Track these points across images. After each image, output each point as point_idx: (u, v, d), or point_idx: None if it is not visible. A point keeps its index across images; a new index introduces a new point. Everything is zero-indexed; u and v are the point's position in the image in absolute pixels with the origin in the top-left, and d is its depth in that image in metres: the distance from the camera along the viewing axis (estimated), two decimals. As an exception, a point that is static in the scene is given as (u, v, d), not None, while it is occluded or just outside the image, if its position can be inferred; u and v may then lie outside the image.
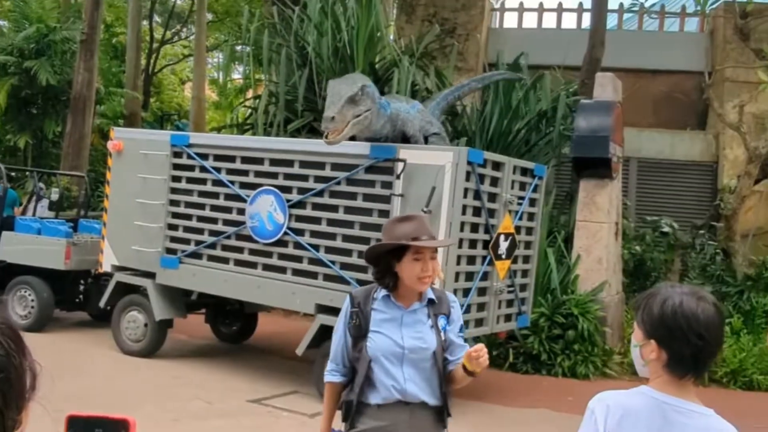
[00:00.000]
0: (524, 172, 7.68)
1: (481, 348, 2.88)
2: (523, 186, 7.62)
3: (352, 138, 7.04)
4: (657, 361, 2.01)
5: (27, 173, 15.75)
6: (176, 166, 8.49)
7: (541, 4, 16.61)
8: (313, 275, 7.49)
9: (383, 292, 3.08)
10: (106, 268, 9.13)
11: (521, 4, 16.80)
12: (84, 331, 10.19)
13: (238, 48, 15.81)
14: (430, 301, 3.09)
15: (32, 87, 16.98)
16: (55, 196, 11.96)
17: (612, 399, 2.05)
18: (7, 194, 11.22)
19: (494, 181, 7.18)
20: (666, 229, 12.11)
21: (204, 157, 8.25)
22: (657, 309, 2.00)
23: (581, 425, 2.08)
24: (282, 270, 7.69)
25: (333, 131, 6.63)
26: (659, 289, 2.07)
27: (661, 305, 1.99)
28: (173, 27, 29.33)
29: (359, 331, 3.06)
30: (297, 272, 7.60)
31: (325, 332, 7.49)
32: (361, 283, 7.12)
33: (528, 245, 7.95)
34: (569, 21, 16.92)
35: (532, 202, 7.87)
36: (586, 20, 16.41)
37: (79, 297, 10.65)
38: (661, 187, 13.88)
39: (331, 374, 3.19)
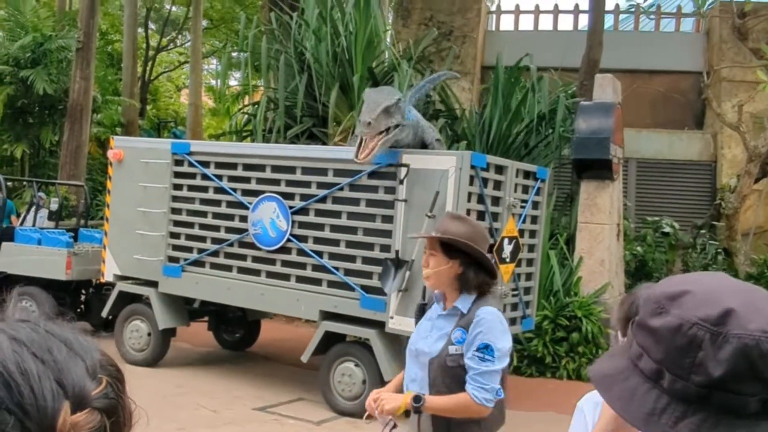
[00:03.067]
0: (527, 175, 7.67)
1: (375, 399, 2.95)
2: (525, 189, 7.61)
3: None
4: None
5: (25, 183, 15.73)
6: (177, 174, 8.46)
7: (537, 6, 16.63)
8: (317, 282, 7.47)
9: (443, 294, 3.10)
10: (108, 277, 9.09)
11: (517, 6, 16.82)
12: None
13: (235, 54, 15.79)
14: (461, 313, 3.00)
15: (28, 96, 16.97)
16: (54, 206, 11.92)
17: (600, 397, 2.08)
18: (6, 205, 11.19)
19: (497, 185, 7.16)
20: (667, 229, 12.11)
21: (205, 164, 8.23)
22: (625, 309, 2.11)
23: (571, 423, 2.13)
24: (286, 277, 7.67)
25: (363, 150, 6.67)
26: (635, 291, 2.17)
27: (629, 305, 2.08)
28: (169, 34, 29.33)
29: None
30: (301, 279, 7.58)
31: (329, 339, 7.48)
32: (365, 289, 7.12)
33: (531, 248, 7.94)
34: (566, 23, 16.98)
35: (535, 205, 7.85)
36: (583, 21, 16.43)
37: (80, 307, 10.62)
38: (660, 188, 13.89)
39: None
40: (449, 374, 2.96)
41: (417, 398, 2.92)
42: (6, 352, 0.77)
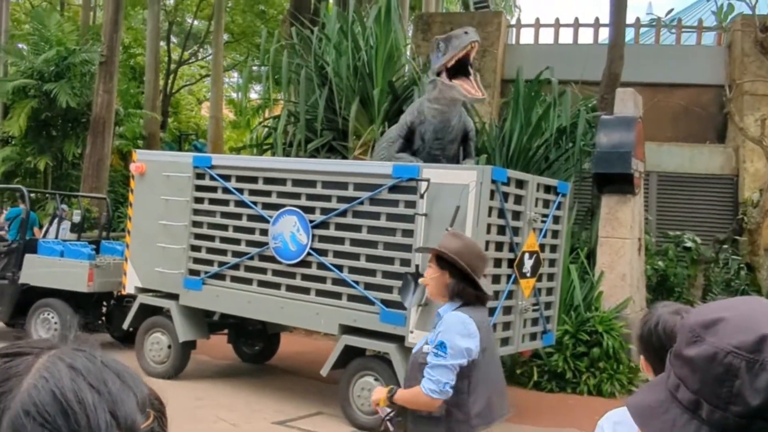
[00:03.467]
0: (547, 189, 7.64)
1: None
2: (546, 203, 7.58)
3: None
4: (650, 375, 2.17)
5: (48, 195, 15.89)
6: (199, 188, 8.51)
7: (557, 20, 16.63)
8: (337, 296, 7.47)
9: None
10: (129, 290, 9.14)
11: (537, 20, 16.83)
12: (107, 354, 10.19)
13: (256, 68, 15.91)
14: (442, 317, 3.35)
15: (52, 109, 17.17)
16: (77, 218, 12.04)
17: (619, 416, 2.17)
18: (29, 217, 11.30)
19: (518, 199, 7.14)
20: (689, 244, 12.02)
21: (226, 178, 8.27)
22: (640, 328, 2.19)
23: None
24: (305, 291, 7.67)
25: (476, 86, 7.05)
26: (651, 311, 2.25)
27: (643, 324, 2.18)
28: (190, 48, 29.60)
29: None
30: (320, 293, 7.58)
31: (349, 353, 7.47)
32: (385, 303, 7.11)
33: (552, 263, 7.90)
34: (586, 36, 16.94)
35: (556, 220, 7.82)
36: (603, 35, 16.39)
37: (101, 319, 10.68)
38: (681, 202, 13.80)
39: None
40: (420, 370, 3.26)
41: (391, 390, 3.33)
42: (64, 381, 0.79)
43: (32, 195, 12.15)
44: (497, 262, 6.92)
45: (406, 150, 7.61)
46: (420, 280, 3.58)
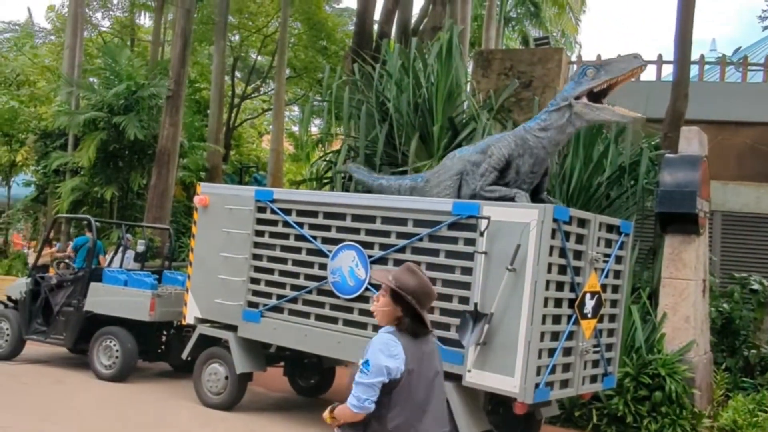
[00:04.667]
0: (610, 228, 7.52)
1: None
2: (609, 243, 7.46)
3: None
4: None
5: (112, 225, 16.31)
6: (260, 221, 8.64)
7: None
8: (394, 331, 7.43)
9: None
10: (189, 320, 9.27)
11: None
12: (165, 382, 10.35)
13: (317, 102, 16.15)
14: None
15: (120, 141, 17.67)
16: (141, 248, 12.31)
17: None
18: (96, 246, 11.61)
19: (580, 239, 7.04)
20: (755, 286, 11.65)
21: (287, 212, 8.38)
22: None
23: None
24: (363, 326, 7.68)
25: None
26: None
27: None
28: (254, 82, 30.23)
29: None
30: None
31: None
32: (443, 341, 7.04)
33: (614, 303, 7.74)
34: (648, 73, 16.72)
35: (618, 260, 7.68)
36: (666, 71, 16.18)
37: (161, 348, 10.86)
38: (747, 242, 13.43)
39: None
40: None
41: (333, 405, 3.61)
42: None
43: (98, 224, 12.48)
44: (558, 302, 6.82)
45: (498, 182, 7.55)
46: (371, 308, 3.71)
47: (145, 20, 28.78)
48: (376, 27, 16.88)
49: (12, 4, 55.64)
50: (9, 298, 11.30)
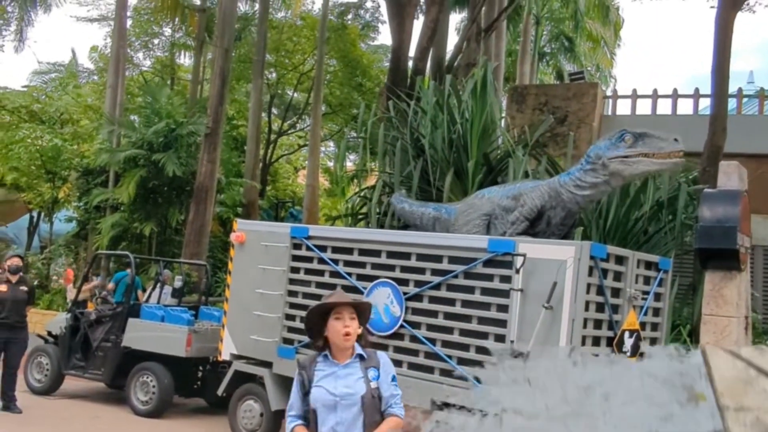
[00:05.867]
0: (648, 265, 7.42)
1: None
2: (647, 280, 7.36)
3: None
4: None
5: (151, 260, 16.52)
6: (295, 258, 8.68)
7: (655, 91, 16.40)
8: (429, 369, 7.38)
9: (324, 354, 3.95)
10: (225, 356, 9.30)
11: (635, 90, 16.64)
12: (200, 418, 10.37)
13: (352, 138, 16.28)
14: (361, 357, 3.93)
15: (159, 178, 17.95)
16: (178, 284, 12.43)
17: None
18: (134, 282, 11.75)
19: (617, 276, 6.96)
20: (800, 323, 11.38)
21: (322, 248, 8.41)
22: None
23: None
24: (398, 363, 7.60)
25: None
26: None
27: None
28: (290, 119, 30.59)
29: (304, 388, 3.92)
30: (412, 366, 7.51)
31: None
32: (478, 380, 6.97)
33: (653, 341, 7.61)
34: (685, 106, 16.61)
35: (657, 297, 7.57)
36: (703, 104, 16.06)
37: (197, 383, 10.90)
38: (791, 278, 13.14)
39: (291, 420, 3.98)
40: (376, 404, 3.86)
41: None
42: None
43: (137, 260, 12.65)
44: (596, 341, 6.73)
45: (528, 232, 7.55)
46: (349, 330, 3.94)
47: (185, 59, 29.40)
48: (410, 64, 17.02)
49: (57, 46, 57.35)
50: (49, 333, 11.46)
